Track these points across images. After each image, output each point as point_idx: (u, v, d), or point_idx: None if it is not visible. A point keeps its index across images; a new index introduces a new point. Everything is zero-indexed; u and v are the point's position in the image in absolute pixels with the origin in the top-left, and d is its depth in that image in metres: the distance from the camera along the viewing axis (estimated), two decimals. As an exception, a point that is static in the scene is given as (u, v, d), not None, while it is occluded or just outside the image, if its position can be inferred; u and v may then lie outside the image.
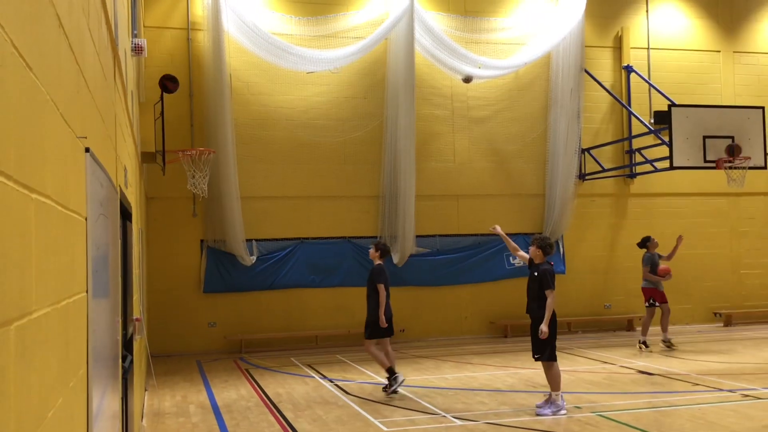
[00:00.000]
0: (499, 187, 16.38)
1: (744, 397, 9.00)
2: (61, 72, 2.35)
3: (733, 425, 7.59)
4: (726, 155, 13.68)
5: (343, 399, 9.56)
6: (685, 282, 17.19)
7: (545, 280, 8.25)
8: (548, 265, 8.39)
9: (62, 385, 2.20)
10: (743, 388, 9.53)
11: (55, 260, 2.12)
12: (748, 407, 8.44)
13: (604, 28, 17.13)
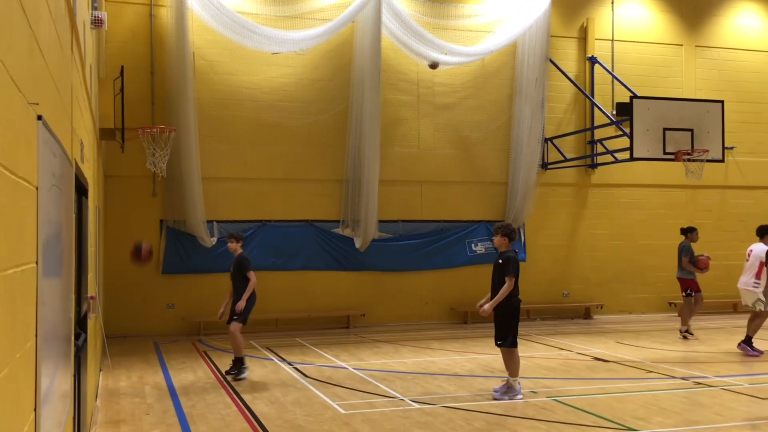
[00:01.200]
0: (463, 174, 16.43)
1: (696, 384, 9.19)
2: (12, 34, 2.27)
3: (684, 412, 7.75)
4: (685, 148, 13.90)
5: (301, 381, 9.53)
6: (642, 272, 17.49)
7: (507, 265, 8.29)
8: (513, 253, 8.44)
9: (8, 354, 2.13)
10: (696, 375, 9.73)
11: (1, 226, 2.05)
12: (700, 394, 8.63)
13: (570, 18, 17.24)
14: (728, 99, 16.28)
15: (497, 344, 8.47)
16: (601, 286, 17.25)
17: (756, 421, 7.39)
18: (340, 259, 15.47)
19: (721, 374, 9.83)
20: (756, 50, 18.48)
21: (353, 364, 10.85)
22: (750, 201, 18.20)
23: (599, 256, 17.32)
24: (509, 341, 8.34)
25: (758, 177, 18.28)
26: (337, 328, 15.17)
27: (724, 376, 9.71)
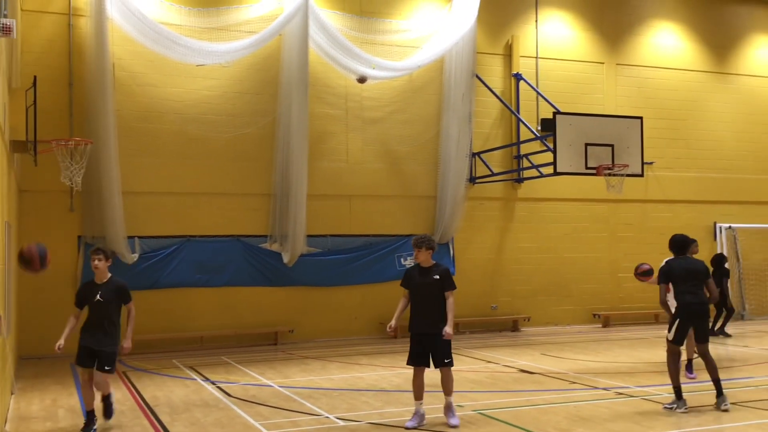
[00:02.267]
0: (392, 188, 16.44)
1: (618, 394, 9.35)
2: None
3: (606, 422, 7.85)
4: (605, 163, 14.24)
5: (224, 401, 9.27)
6: (567, 284, 17.81)
7: (448, 280, 7.78)
8: (445, 267, 8.01)
9: None
10: (617, 386, 9.90)
11: None
12: (621, 404, 8.77)
13: (496, 35, 17.52)
14: (647, 115, 16.79)
15: (445, 362, 7.77)
16: (528, 299, 17.47)
17: (675, 431, 7.54)
18: (268, 274, 15.22)
19: (641, 384, 10.03)
20: (673, 68, 19.15)
21: (279, 381, 10.63)
22: (669, 215, 18.77)
23: (526, 269, 17.55)
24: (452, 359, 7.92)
25: (676, 191, 18.89)
26: (265, 344, 14.89)
27: (644, 386, 9.90)
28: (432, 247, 7.91)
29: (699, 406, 8.50)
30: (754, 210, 19.54)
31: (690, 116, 19.29)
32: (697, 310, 8.42)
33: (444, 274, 7.85)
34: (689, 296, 8.39)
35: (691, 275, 8.48)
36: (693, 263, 8.67)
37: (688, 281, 8.45)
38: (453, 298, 7.81)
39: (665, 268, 8.68)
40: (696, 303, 8.41)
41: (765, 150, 19.98)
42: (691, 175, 19.11)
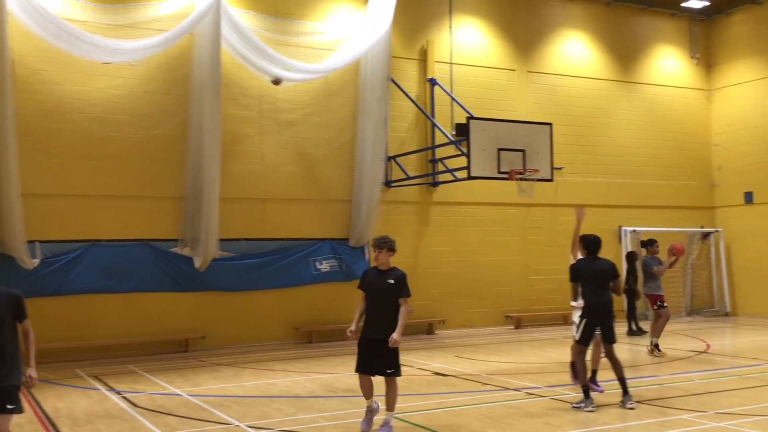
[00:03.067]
0: (307, 192, 16.28)
1: (528, 395, 9.50)
2: None
3: (517, 423, 7.95)
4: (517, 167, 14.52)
5: (129, 412, 8.92)
6: (480, 287, 18.07)
7: (404, 286, 7.47)
8: (402, 271, 7.64)
9: None
10: (528, 386, 10.07)
11: None
12: (531, 405, 8.91)
13: (411, 40, 17.63)
14: (557, 122, 17.19)
15: (388, 373, 7.39)
16: (443, 302, 17.62)
17: (583, 429, 7.70)
18: (179, 279, 14.79)
19: (551, 384, 10.23)
20: (581, 77, 19.74)
21: (189, 390, 10.32)
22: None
23: (441, 272, 17.70)
24: (399, 368, 7.47)
25: (584, 196, 19.39)
26: (175, 352, 14.46)
27: (554, 386, 10.11)
28: (393, 248, 7.62)
29: (605, 405, 8.73)
30: (656, 214, 20.36)
31: (597, 123, 19.93)
32: (601, 310, 8.60)
33: (399, 279, 7.47)
34: (593, 297, 8.61)
35: (598, 276, 8.68)
36: (601, 264, 8.82)
37: (595, 282, 8.66)
38: (406, 306, 7.45)
39: (575, 267, 8.95)
40: (599, 303, 8.60)
41: (666, 156, 20.85)
42: (597, 180, 19.74)
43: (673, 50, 21.22)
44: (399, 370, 7.46)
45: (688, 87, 21.37)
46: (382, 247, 7.52)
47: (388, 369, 7.39)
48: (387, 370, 7.39)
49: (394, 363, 7.41)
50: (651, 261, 13.21)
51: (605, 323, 8.69)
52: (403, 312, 7.39)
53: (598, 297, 8.65)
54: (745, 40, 20.71)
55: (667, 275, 20.06)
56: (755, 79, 20.38)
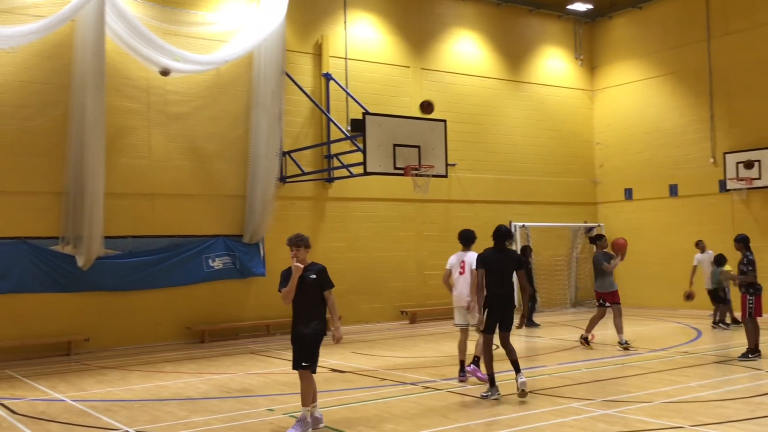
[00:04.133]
0: (198, 187, 15.81)
1: (425, 388, 9.56)
2: None
3: (415, 417, 7.97)
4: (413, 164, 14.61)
5: (8, 420, 8.33)
6: (376, 282, 18.12)
7: (327, 278, 7.49)
8: (321, 265, 7.58)
9: None
10: (424, 380, 10.15)
11: None
12: (428, 398, 8.97)
13: (305, 34, 17.44)
14: (450, 119, 17.47)
15: (303, 366, 7.34)
16: (339, 298, 17.19)
17: (475, 421, 7.80)
18: (60, 279, 14.00)
19: (447, 377, 10.34)
20: (473, 75, 20.15)
21: (72, 395, 9.77)
22: (470, 214, 19.69)
23: (337, 268, 17.49)
24: (316, 363, 7.43)
25: (477, 192, 19.88)
26: (57, 355, 13.69)
27: (449, 378, 10.22)
28: (309, 245, 7.60)
29: (502, 395, 8.91)
30: (543, 209, 21.06)
31: (488, 121, 20.40)
32: (502, 300, 8.71)
33: (321, 272, 7.49)
34: (495, 287, 8.71)
35: (502, 267, 8.76)
36: (507, 255, 8.91)
37: (499, 272, 8.73)
38: (334, 297, 7.50)
39: (481, 256, 8.93)
40: (500, 294, 8.71)
41: (552, 154, 21.60)
42: (489, 177, 20.21)
43: (559, 51, 22.01)
44: (314, 366, 7.44)
45: (573, 87, 22.22)
46: (299, 246, 7.48)
47: (303, 362, 7.40)
48: (302, 362, 7.41)
49: (309, 356, 7.40)
50: (602, 257, 13.00)
51: (505, 312, 8.80)
52: (331, 304, 7.51)
53: (500, 287, 8.76)
54: (626, 42, 21.74)
55: (552, 268, 20.93)
56: (635, 81, 21.43)
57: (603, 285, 12.99)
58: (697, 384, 9.46)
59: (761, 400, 8.29)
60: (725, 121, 19.22)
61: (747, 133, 18.66)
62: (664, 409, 8.05)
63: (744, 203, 18.68)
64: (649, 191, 20.86)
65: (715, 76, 19.42)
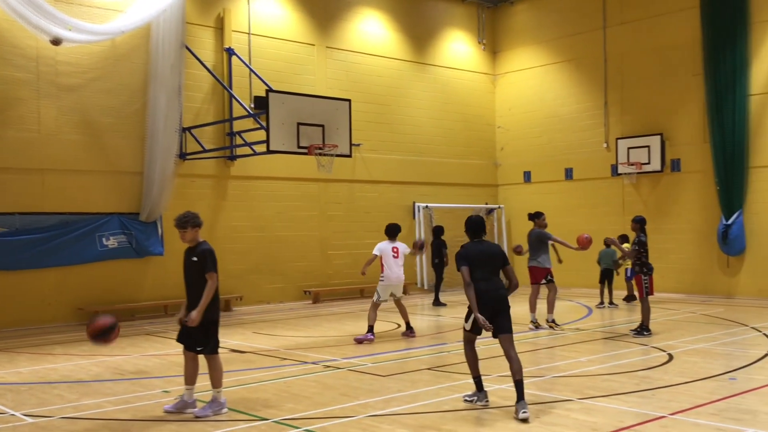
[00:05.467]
0: (92, 163, 15.18)
1: (326, 367, 9.58)
2: None
3: (314, 395, 7.96)
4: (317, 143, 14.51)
5: None
6: (279, 262, 17.97)
7: (206, 261, 7.19)
8: (207, 245, 7.32)
9: None
10: (326, 359, 10.16)
11: None
12: (328, 377, 8.99)
13: (207, 7, 16.95)
14: (355, 99, 17.46)
15: (197, 351, 7.26)
16: (241, 278, 17.30)
17: (374, 398, 7.88)
18: (-61, 258, 13.19)
19: (348, 356, 10.40)
20: (378, 55, 20.15)
21: (-48, 380, 9.24)
22: (374, 194, 19.81)
23: (239, 248, 17.35)
24: (212, 346, 7.26)
25: (381, 172, 19.97)
26: (-64, 339, 12.92)
27: (350, 357, 10.28)
28: (197, 224, 7.39)
29: (399, 373, 9.03)
30: (446, 190, 21.41)
31: (393, 102, 20.49)
32: (494, 296, 7.42)
33: (202, 254, 7.22)
34: (483, 283, 7.44)
35: (487, 261, 7.57)
36: (489, 248, 7.71)
37: (485, 267, 7.53)
38: (213, 282, 7.16)
39: (462, 252, 7.66)
40: (492, 290, 7.43)
41: (456, 136, 21.95)
42: (393, 157, 20.34)
43: (462, 35, 22.30)
44: (209, 348, 7.29)
45: (476, 71, 22.60)
46: (185, 226, 7.32)
47: (197, 347, 7.30)
48: (197, 347, 7.30)
49: (201, 340, 7.26)
50: (544, 233, 12.86)
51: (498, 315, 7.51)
52: (207, 288, 7.17)
53: (489, 283, 7.48)
54: (527, 29, 22.26)
55: (454, 249, 21.34)
56: (535, 66, 22.00)
57: (544, 260, 12.79)
58: (587, 359, 9.89)
59: (645, 374, 8.74)
60: (618, 108, 20.04)
61: (638, 120, 19.52)
62: (554, 383, 8.38)
63: (634, 187, 19.57)
64: (547, 174, 21.53)
65: (609, 64, 20.18)
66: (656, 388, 7.91)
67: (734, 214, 17.28)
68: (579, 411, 7.05)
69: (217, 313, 7.37)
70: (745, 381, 8.24)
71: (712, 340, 11.23)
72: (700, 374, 8.62)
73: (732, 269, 17.69)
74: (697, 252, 18.38)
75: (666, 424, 6.50)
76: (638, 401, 7.37)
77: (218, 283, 7.26)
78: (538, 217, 13.13)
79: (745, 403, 7.26)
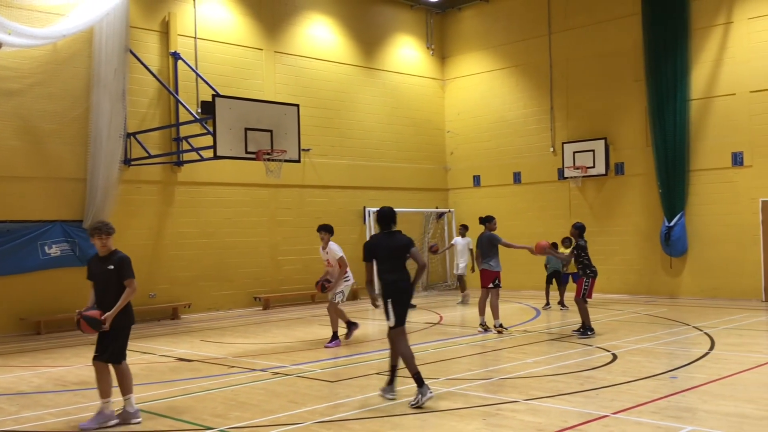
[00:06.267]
0: (33, 170, 14.80)
1: (274, 374, 9.50)
2: None
3: (262, 403, 7.89)
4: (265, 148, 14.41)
5: None
6: (228, 268, 17.77)
7: (124, 268, 7.16)
8: (122, 253, 7.28)
9: None
10: (274, 366, 10.08)
11: None
12: (277, 384, 8.91)
13: (151, 10, 16.70)
14: (304, 104, 17.44)
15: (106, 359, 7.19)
16: (189, 285, 17.07)
17: (322, 404, 7.85)
18: None
19: (297, 362, 10.34)
20: (327, 60, 20.13)
21: None
22: (325, 199, 19.75)
23: (187, 254, 17.12)
24: (120, 354, 7.23)
25: (331, 177, 19.94)
26: None
27: (299, 363, 10.23)
28: (110, 232, 7.31)
29: (347, 379, 9.01)
30: (397, 195, 21.46)
31: (342, 107, 20.48)
32: (402, 286, 7.71)
33: (119, 262, 7.21)
34: (390, 275, 7.70)
35: (393, 252, 7.78)
36: (396, 239, 7.86)
37: (391, 259, 7.76)
38: (132, 288, 7.17)
39: (367, 244, 7.93)
40: (400, 280, 7.71)
41: (406, 141, 22.05)
42: (343, 162, 20.32)
43: (411, 40, 22.43)
44: (116, 357, 7.21)
45: (425, 76, 22.75)
46: (99, 233, 7.25)
47: (107, 354, 7.24)
48: (107, 355, 7.25)
49: (107, 348, 7.21)
50: (495, 237, 12.79)
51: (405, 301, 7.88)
52: (124, 294, 7.17)
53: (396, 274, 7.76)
54: (474, 34, 22.51)
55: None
56: (483, 72, 22.25)
57: (495, 264, 12.76)
58: (533, 360, 10.02)
59: (589, 374, 8.90)
60: (564, 113, 20.39)
61: (583, 125, 19.90)
62: (501, 385, 8.47)
63: (580, 190, 19.94)
64: (496, 178, 21.78)
65: (555, 70, 20.53)
66: (600, 388, 8.06)
67: (676, 216, 17.73)
68: (525, 412, 7.13)
69: (130, 320, 7.33)
70: (686, 379, 8.46)
71: (655, 340, 11.50)
72: (643, 373, 8.81)
73: (675, 270, 18.13)
74: (641, 253, 18.80)
75: (608, 423, 6.62)
76: (582, 401, 7.50)
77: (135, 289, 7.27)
78: (488, 221, 13.16)
79: (684, 401, 7.45)
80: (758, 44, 16.90)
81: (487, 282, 12.84)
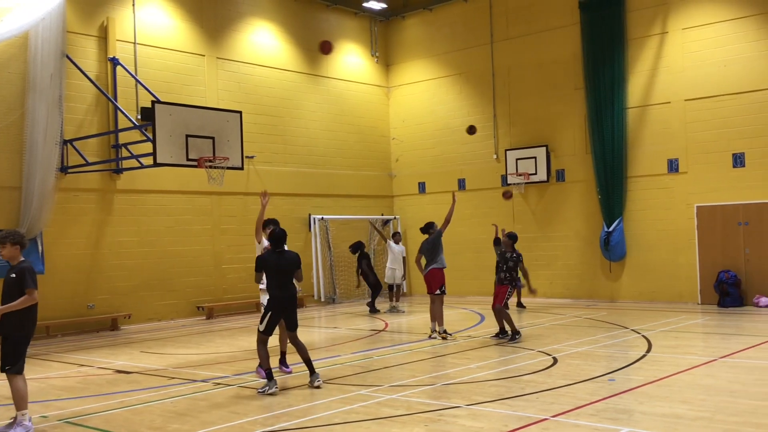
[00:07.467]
0: (-36, 178, 14.31)
1: (216, 385, 9.35)
2: None
3: (201, 414, 7.76)
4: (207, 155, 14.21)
5: None
6: (170, 278, 17.46)
7: (25, 278, 7.14)
8: (28, 263, 7.31)
9: None
10: (216, 376, 9.92)
11: None
12: (219, 394, 8.77)
13: (89, 15, 16.34)
14: (247, 111, 17.28)
15: (5, 370, 7.19)
16: (129, 295, 16.70)
17: (269, 413, 7.76)
18: None
19: (239, 372, 10.20)
20: (271, 67, 19.99)
21: None
22: (269, 207, 19.41)
23: (127, 264, 16.76)
24: (18, 365, 7.17)
25: (276, 185, 19.74)
26: None
27: (242, 374, 10.09)
28: (17, 242, 7.30)
29: (294, 387, 8.94)
30: (342, 202, 21.45)
31: (287, 114, 20.37)
32: (286, 303, 8.91)
33: (21, 271, 7.20)
34: (278, 290, 8.87)
35: (282, 270, 8.91)
36: (286, 258, 8.99)
37: (279, 276, 8.89)
38: (31, 296, 7.13)
39: (261, 259, 9.05)
40: (285, 297, 8.88)
41: (351, 148, 22.05)
42: (288, 170, 20.20)
43: (356, 47, 22.47)
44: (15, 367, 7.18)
45: (370, 83, 22.80)
46: (4, 242, 7.27)
47: (5, 366, 7.20)
48: (5, 366, 7.19)
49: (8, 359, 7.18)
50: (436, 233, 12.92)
51: (289, 314, 9.04)
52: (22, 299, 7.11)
53: (283, 290, 8.89)
54: (418, 42, 22.67)
55: (351, 260, 21.37)
56: (427, 79, 22.42)
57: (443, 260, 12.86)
58: (476, 365, 10.09)
59: (531, 378, 9.01)
60: (506, 120, 20.67)
61: (525, 132, 20.20)
62: (444, 391, 8.51)
63: (522, 197, 20.22)
64: (440, 185, 21.92)
65: (497, 78, 20.81)
66: (540, 391, 8.16)
67: (615, 221, 18.13)
68: (466, 417, 7.17)
69: (30, 330, 7.29)
70: (624, 381, 8.63)
71: (595, 343, 11.71)
72: (582, 376, 8.96)
73: (614, 274, 18.53)
74: (581, 258, 19.16)
75: (547, 426, 6.70)
76: (523, 405, 7.58)
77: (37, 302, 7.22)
78: (431, 227, 13.22)
79: (622, 402, 7.60)
80: (692, 54, 17.43)
81: (434, 287, 12.83)
